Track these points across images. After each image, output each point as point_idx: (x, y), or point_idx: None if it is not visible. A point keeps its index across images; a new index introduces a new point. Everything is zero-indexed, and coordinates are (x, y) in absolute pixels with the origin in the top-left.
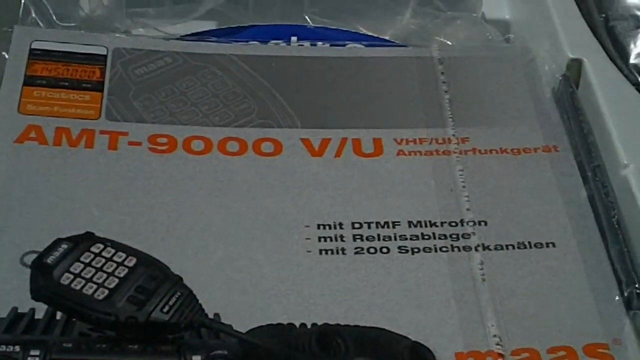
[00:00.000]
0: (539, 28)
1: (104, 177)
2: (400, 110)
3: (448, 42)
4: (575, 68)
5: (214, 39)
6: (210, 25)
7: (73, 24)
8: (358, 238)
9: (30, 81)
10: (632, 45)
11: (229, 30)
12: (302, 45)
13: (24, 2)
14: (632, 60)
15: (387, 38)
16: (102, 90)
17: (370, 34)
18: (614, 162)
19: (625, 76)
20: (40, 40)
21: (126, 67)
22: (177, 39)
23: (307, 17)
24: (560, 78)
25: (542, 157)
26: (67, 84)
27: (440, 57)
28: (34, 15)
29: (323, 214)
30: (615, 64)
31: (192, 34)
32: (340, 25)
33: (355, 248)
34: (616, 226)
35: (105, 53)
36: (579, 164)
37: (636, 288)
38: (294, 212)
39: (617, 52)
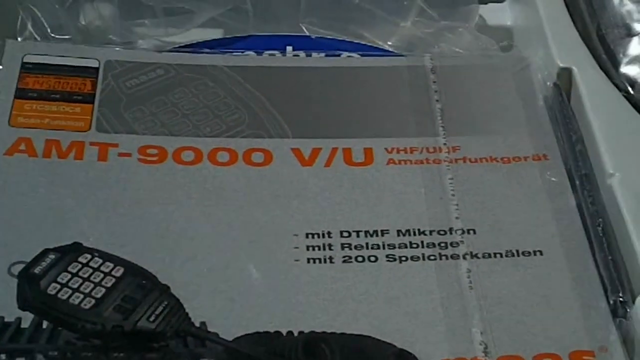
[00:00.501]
0: (533, 36)
1: (92, 188)
2: (392, 119)
3: (441, 52)
4: (566, 76)
5: (207, 50)
6: (210, 35)
7: (68, 37)
8: (346, 247)
9: (21, 94)
10: (622, 54)
11: (224, 41)
12: (296, 55)
13: (21, 17)
14: (622, 69)
15: (382, 47)
16: (93, 102)
17: (365, 43)
18: (601, 171)
19: (616, 85)
20: (33, 54)
21: (117, 79)
22: (170, 50)
23: (303, 26)
24: (552, 86)
25: (531, 166)
26: (58, 96)
27: (432, 66)
28: (30, 29)
29: (312, 222)
30: (607, 72)
31: (187, 45)
32: (338, 35)
33: (344, 257)
34: (601, 234)
35: (97, 66)
36: (569, 173)
37: (620, 296)
38: (283, 221)
39: (609, 60)
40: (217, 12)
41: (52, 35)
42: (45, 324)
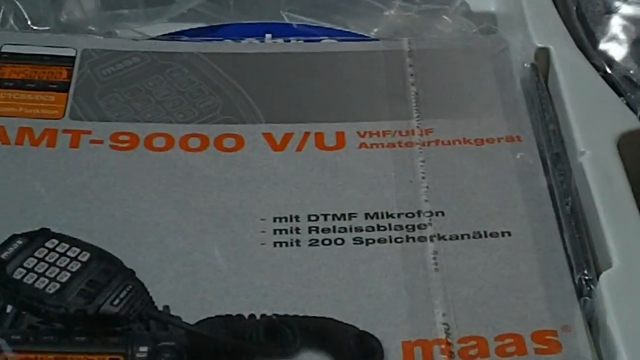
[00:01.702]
0: (513, 18)
1: (63, 175)
2: (366, 103)
3: (420, 35)
4: (544, 57)
5: (185, 38)
6: (190, 26)
7: (48, 28)
8: (313, 230)
9: None
10: (601, 32)
11: (204, 30)
12: (275, 42)
13: (3, 10)
14: (600, 47)
15: (364, 34)
16: (68, 91)
17: (346, 29)
18: (573, 150)
19: (595, 64)
20: (10, 44)
21: (94, 68)
22: (148, 39)
23: (284, 15)
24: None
25: (504, 147)
26: (33, 85)
27: (409, 50)
28: (12, 22)
29: (280, 207)
30: (586, 52)
31: (167, 34)
32: (318, 23)
33: (310, 240)
34: (569, 213)
35: (74, 54)
36: (541, 153)
37: (585, 274)
38: (251, 206)
39: (588, 39)
40: (198, 3)
41: (33, 27)
42: (9, 308)
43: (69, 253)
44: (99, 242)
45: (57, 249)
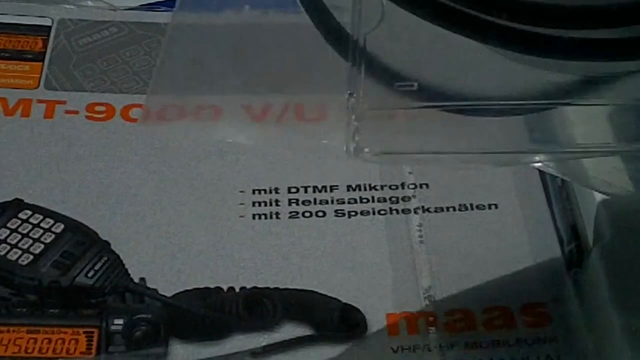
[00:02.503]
0: None
1: (37, 145)
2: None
3: None
4: None
5: (163, 8)
6: None
7: None
8: (294, 202)
9: None
10: None
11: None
12: (254, 12)
13: None
14: None
15: None
16: (43, 61)
17: None
18: None
19: None
20: None
21: (70, 38)
22: (126, 9)
23: None
24: None
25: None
26: (8, 54)
27: None
28: None
29: (259, 179)
30: None
31: (144, 4)
32: None
33: (290, 212)
34: (560, 184)
35: (50, 24)
36: None
37: (577, 244)
38: (229, 178)
39: None
40: None
41: None
42: None
43: (42, 224)
44: (74, 213)
45: (31, 220)
